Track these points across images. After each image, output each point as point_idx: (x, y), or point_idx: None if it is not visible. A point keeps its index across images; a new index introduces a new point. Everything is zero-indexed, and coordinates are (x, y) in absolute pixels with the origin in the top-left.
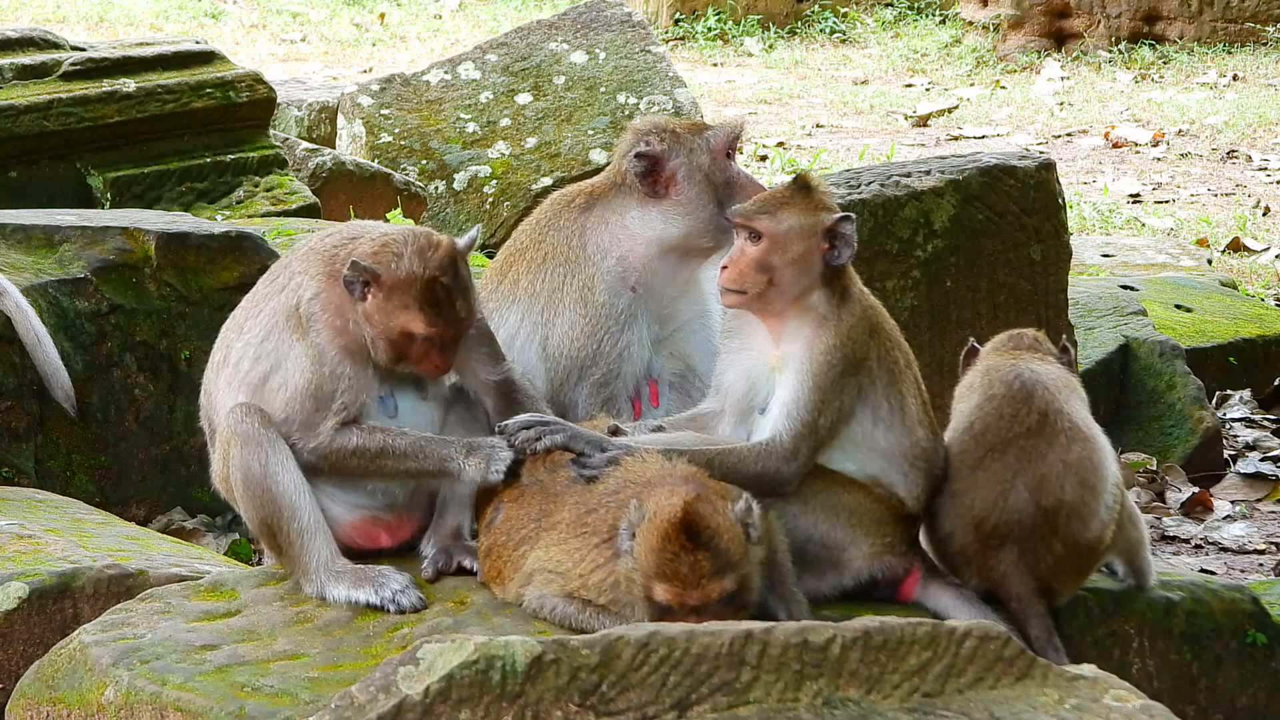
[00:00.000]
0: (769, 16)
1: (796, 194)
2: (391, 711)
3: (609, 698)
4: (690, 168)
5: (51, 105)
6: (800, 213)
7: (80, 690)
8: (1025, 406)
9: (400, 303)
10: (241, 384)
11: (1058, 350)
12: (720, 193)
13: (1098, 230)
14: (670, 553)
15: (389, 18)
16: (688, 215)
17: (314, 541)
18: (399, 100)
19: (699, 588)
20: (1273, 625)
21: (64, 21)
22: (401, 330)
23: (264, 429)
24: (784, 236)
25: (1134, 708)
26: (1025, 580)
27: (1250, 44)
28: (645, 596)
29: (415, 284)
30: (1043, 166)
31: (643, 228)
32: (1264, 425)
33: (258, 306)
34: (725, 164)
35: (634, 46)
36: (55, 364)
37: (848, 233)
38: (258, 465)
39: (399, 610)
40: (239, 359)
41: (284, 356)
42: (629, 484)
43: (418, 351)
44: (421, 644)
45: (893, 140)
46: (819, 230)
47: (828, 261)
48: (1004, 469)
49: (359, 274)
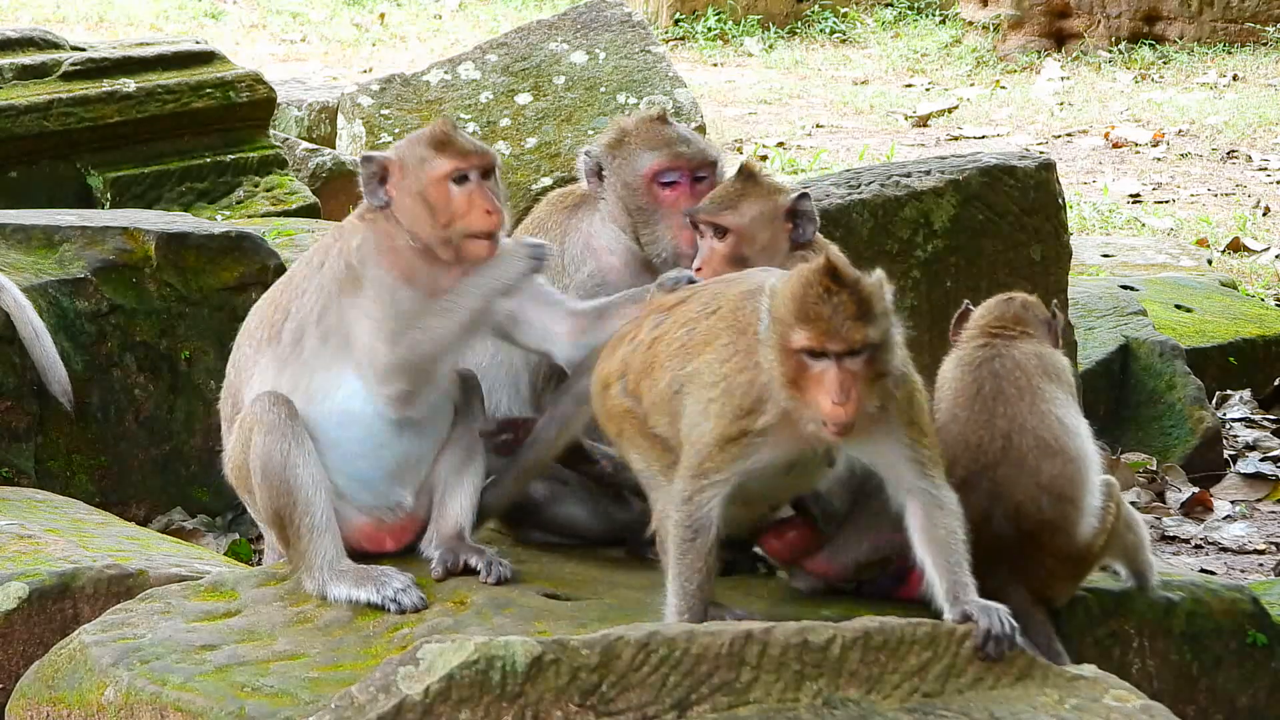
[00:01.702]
0: (769, 16)
1: (747, 184)
2: (391, 711)
3: (609, 698)
4: (615, 181)
5: (51, 105)
6: (759, 200)
7: (80, 690)
8: (988, 432)
9: (419, 159)
10: (307, 360)
11: (1046, 317)
12: (635, 218)
13: (1098, 230)
14: (814, 296)
15: (389, 18)
16: (621, 227)
17: (322, 539)
18: (399, 100)
19: (842, 330)
20: (1273, 625)
21: (64, 21)
22: (431, 183)
23: (290, 420)
24: (749, 227)
25: (1134, 708)
26: (1020, 593)
27: (1250, 44)
28: (782, 348)
29: (422, 141)
30: (1043, 166)
31: (605, 236)
32: (1264, 425)
33: (299, 288)
34: (651, 190)
35: (634, 46)
36: (53, 359)
37: (808, 209)
38: (279, 455)
39: (400, 610)
40: (296, 338)
41: (351, 319)
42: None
43: (460, 204)
44: (421, 644)
45: (893, 140)
46: (780, 212)
47: (794, 240)
48: (979, 500)
49: (375, 166)
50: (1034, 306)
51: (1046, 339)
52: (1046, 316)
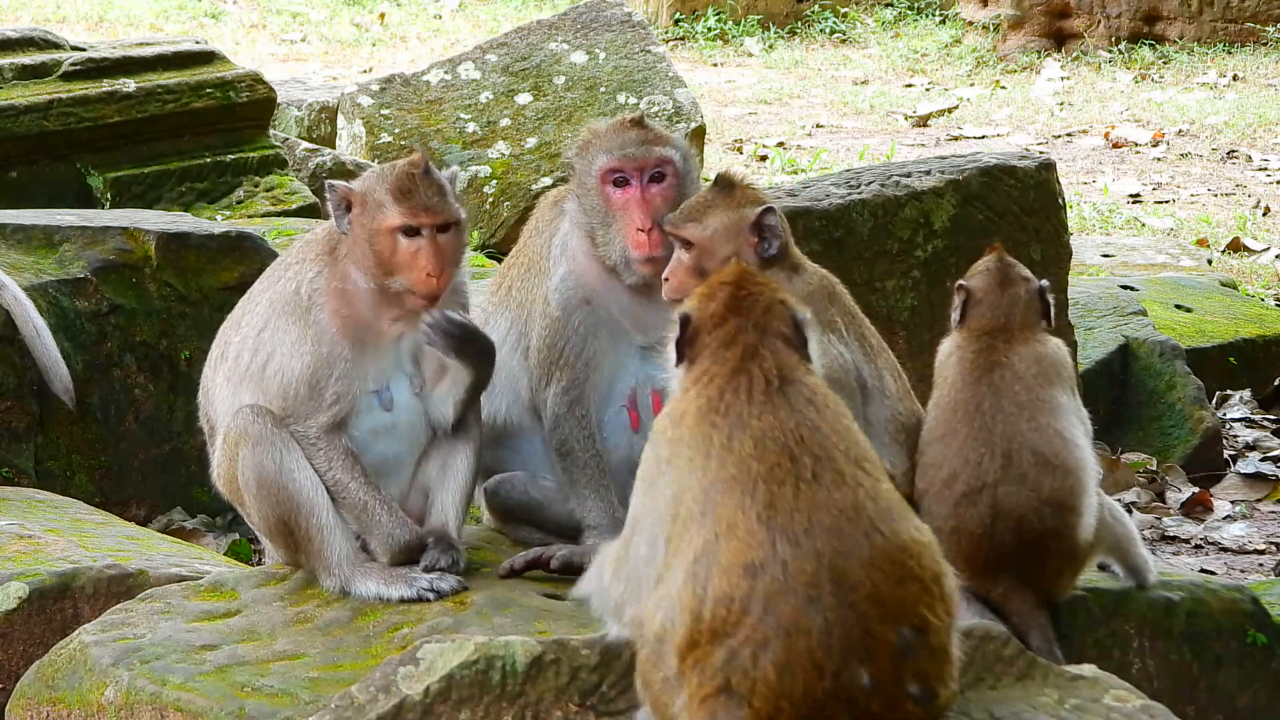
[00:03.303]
0: (769, 16)
1: (719, 195)
2: (391, 711)
3: (609, 698)
4: (576, 183)
5: (51, 105)
6: (724, 213)
7: (80, 690)
8: (988, 450)
9: (376, 203)
10: (242, 377)
11: (1034, 293)
12: (593, 219)
13: (1098, 230)
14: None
15: (389, 18)
16: (585, 230)
17: (335, 536)
18: (399, 100)
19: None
20: (1273, 625)
21: (64, 21)
22: (384, 229)
23: (275, 429)
24: (711, 240)
25: (1134, 708)
26: (1025, 596)
27: (1250, 44)
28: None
29: (385, 181)
30: (1043, 166)
31: (574, 238)
32: (1264, 425)
33: (255, 301)
34: (604, 191)
35: (634, 46)
36: (54, 356)
37: (772, 224)
38: (272, 465)
39: (439, 596)
40: (237, 353)
41: (281, 342)
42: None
43: (404, 258)
44: (421, 644)
45: (893, 140)
46: (744, 227)
47: (760, 255)
48: (981, 514)
49: (337, 195)
50: (1027, 290)
51: (1041, 324)
52: (1037, 290)
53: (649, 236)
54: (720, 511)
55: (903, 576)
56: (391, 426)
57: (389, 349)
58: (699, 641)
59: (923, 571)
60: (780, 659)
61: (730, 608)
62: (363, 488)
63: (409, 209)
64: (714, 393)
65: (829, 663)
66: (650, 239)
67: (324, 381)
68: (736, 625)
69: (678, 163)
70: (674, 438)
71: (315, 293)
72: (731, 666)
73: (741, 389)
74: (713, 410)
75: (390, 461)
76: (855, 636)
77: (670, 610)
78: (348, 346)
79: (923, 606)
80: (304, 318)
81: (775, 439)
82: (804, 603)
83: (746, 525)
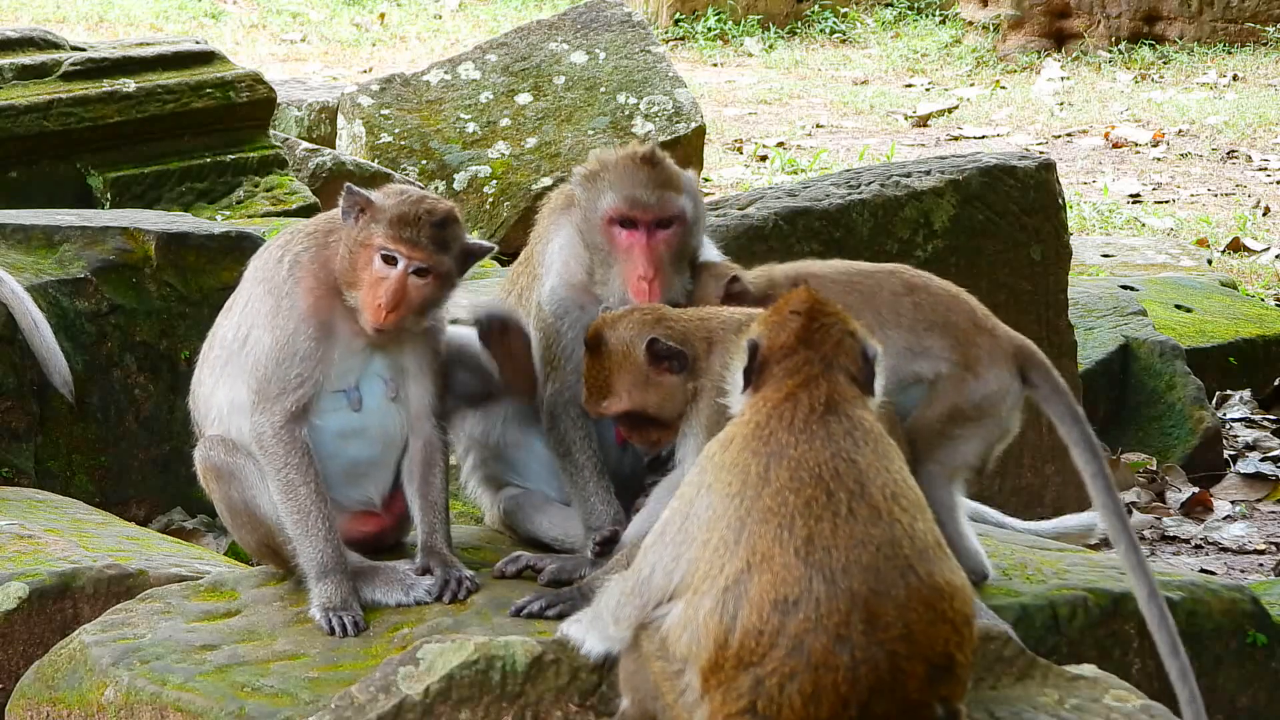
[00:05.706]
0: (769, 16)
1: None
2: (391, 711)
3: (609, 698)
4: (580, 215)
5: (51, 105)
6: (626, 374)
7: (80, 690)
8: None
9: (376, 219)
10: (226, 361)
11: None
12: (592, 254)
13: (1098, 230)
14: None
15: (389, 18)
16: (580, 262)
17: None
18: (399, 100)
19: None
20: (1273, 625)
21: (64, 21)
22: (367, 241)
23: (230, 457)
24: (630, 394)
25: (1134, 708)
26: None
27: (1250, 44)
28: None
29: (397, 206)
30: (1043, 166)
31: (568, 255)
32: (1264, 425)
33: (241, 290)
34: (609, 231)
35: (634, 46)
36: (53, 350)
37: (661, 349)
38: (237, 495)
39: (453, 599)
40: (223, 336)
41: (258, 313)
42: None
43: (369, 278)
44: (421, 644)
45: (893, 140)
46: (640, 364)
47: (673, 371)
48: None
49: (353, 199)
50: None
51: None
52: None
53: (649, 285)
54: (756, 543)
55: (935, 619)
56: (361, 429)
57: (359, 347)
58: (724, 666)
59: (955, 615)
60: (806, 690)
61: (759, 640)
62: (311, 495)
63: (396, 236)
64: (761, 419)
65: (855, 696)
66: (651, 288)
67: (288, 360)
68: (764, 657)
69: (687, 212)
70: (718, 462)
71: (296, 266)
72: (758, 691)
73: (785, 415)
74: (756, 437)
75: (364, 464)
76: (883, 673)
77: (696, 633)
78: (315, 326)
79: (952, 647)
80: (279, 288)
81: (810, 470)
82: (833, 641)
83: (784, 559)
